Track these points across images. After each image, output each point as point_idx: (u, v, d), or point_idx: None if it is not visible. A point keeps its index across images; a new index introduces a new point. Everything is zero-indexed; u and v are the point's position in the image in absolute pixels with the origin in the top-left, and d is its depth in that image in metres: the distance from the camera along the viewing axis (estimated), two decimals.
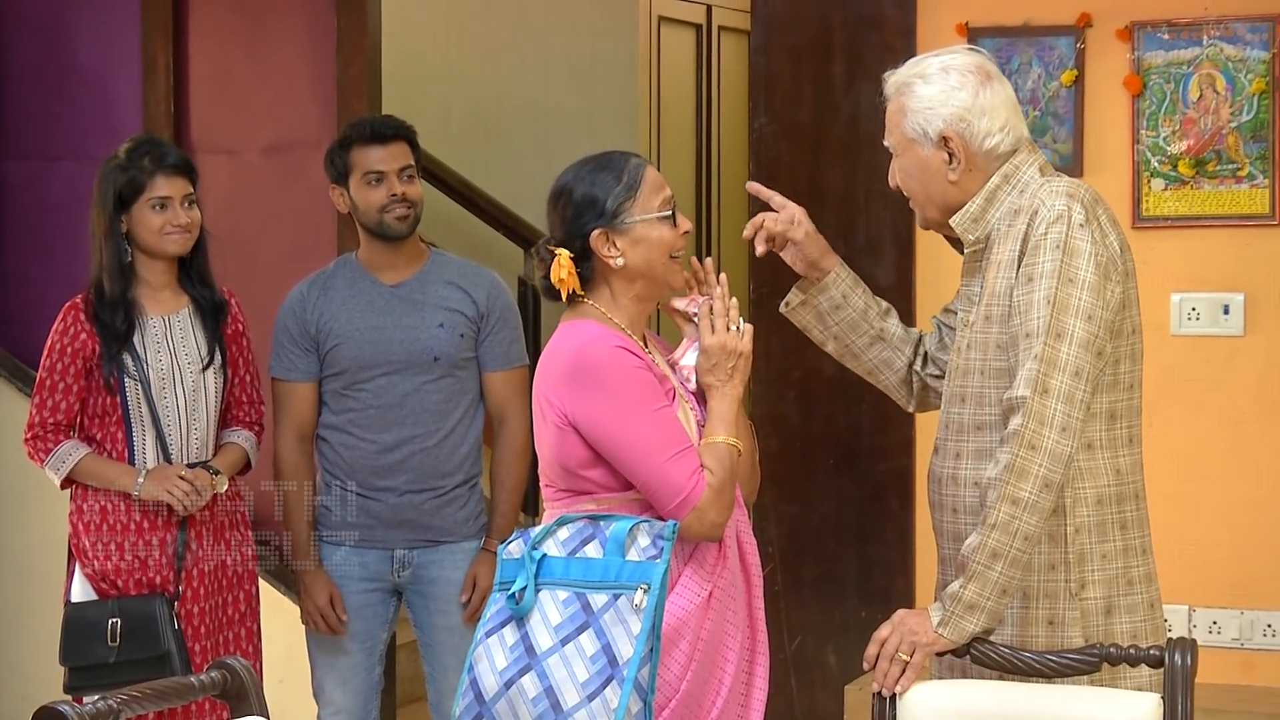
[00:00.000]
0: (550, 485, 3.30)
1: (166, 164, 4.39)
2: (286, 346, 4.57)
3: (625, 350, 3.24)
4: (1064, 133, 4.96)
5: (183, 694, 2.85)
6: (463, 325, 4.52)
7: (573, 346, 3.25)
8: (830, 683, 5.21)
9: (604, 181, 3.30)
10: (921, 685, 3.20)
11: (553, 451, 3.25)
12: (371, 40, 5.69)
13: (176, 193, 4.38)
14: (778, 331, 5.21)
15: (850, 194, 5.22)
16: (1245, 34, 4.83)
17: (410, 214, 4.50)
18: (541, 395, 3.27)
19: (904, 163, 3.36)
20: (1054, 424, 3.11)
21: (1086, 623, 3.23)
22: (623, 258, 3.29)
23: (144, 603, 4.32)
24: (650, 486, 3.19)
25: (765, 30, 5.32)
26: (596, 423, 3.19)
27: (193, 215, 4.41)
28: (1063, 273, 3.15)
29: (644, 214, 3.29)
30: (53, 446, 4.37)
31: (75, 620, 4.34)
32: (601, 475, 3.23)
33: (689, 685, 3.18)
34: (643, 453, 3.18)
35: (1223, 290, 4.88)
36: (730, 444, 3.25)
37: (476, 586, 4.50)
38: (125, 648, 4.28)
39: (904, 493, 5.15)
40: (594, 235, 3.28)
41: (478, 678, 3.13)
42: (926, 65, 3.33)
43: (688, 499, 3.17)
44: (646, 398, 3.22)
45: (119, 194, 4.36)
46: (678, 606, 3.18)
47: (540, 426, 3.29)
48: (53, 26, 5.98)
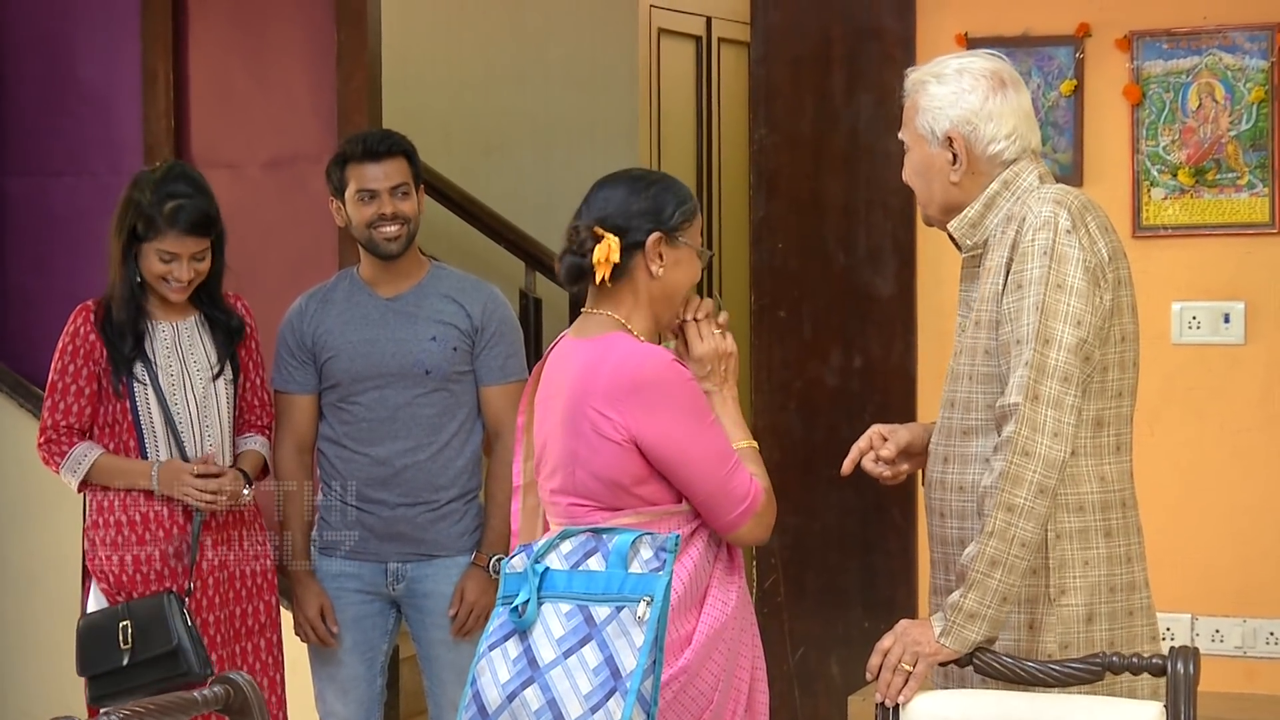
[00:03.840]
0: (581, 503, 3.24)
1: (181, 224, 4.30)
2: (285, 359, 4.58)
3: (679, 364, 3.26)
4: (1064, 142, 4.96)
5: (185, 709, 2.85)
6: (456, 339, 4.51)
7: (624, 360, 3.22)
8: (834, 693, 5.21)
9: (671, 196, 3.32)
10: (924, 695, 3.20)
11: (606, 468, 3.20)
12: (371, 53, 5.69)
13: (185, 251, 4.32)
14: (779, 343, 5.23)
15: (851, 204, 5.22)
16: (1244, 43, 4.83)
17: (402, 232, 4.48)
18: (590, 411, 3.21)
19: (911, 158, 3.40)
20: (1046, 430, 3.12)
21: (1065, 629, 3.24)
22: (664, 269, 3.30)
23: (152, 601, 4.30)
24: (715, 498, 3.21)
25: (765, 41, 5.32)
26: (663, 438, 3.18)
27: (198, 268, 4.35)
28: (1051, 279, 3.16)
29: (693, 242, 3.33)
30: (67, 449, 4.35)
31: (87, 630, 4.33)
32: (654, 490, 3.22)
33: (719, 697, 3.19)
34: (709, 466, 3.21)
35: (1223, 299, 4.88)
36: (753, 447, 3.33)
37: (464, 600, 4.49)
38: (137, 648, 4.27)
39: (906, 503, 5.15)
40: (655, 236, 3.29)
41: (480, 690, 3.13)
42: (944, 65, 3.37)
43: (750, 506, 3.24)
44: (704, 410, 3.24)
45: (134, 228, 4.34)
46: (720, 610, 3.20)
47: (584, 443, 3.22)
48: (53, 41, 5.99)
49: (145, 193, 4.33)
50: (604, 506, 3.23)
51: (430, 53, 7.67)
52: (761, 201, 5.31)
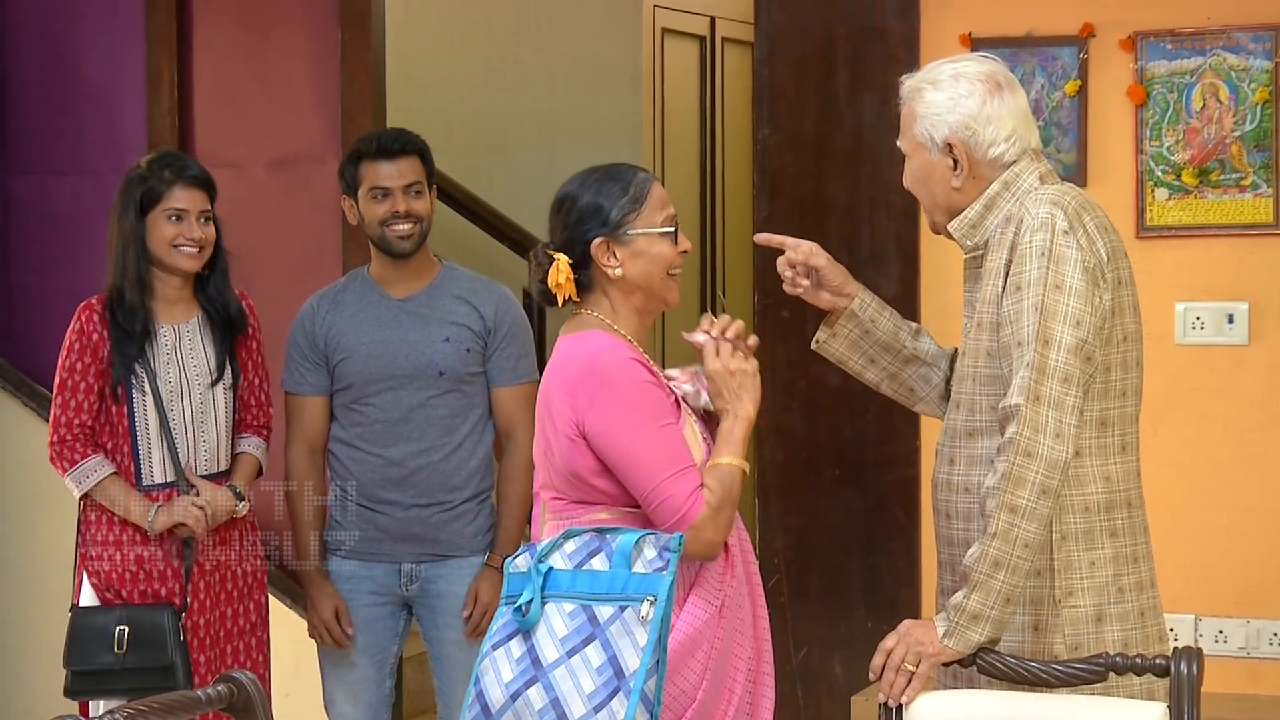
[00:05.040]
0: (560, 496, 3.29)
1: (186, 176, 4.40)
2: (297, 360, 4.57)
3: (638, 363, 3.25)
4: (1067, 143, 4.96)
5: (189, 708, 2.85)
6: (469, 339, 4.52)
7: (584, 356, 3.25)
8: (837, 693, 5.21)
9: (610, 191, 3.31)
10: (927, 695, 3.20)
11: (563, 460, 3.24)
12: (375, 53, 5.69)
13: (194, 206, 4.38)
14: (782, 343, 5.22)
15: (854, 205, 5.22)
16: (1248, 43, 4.83)
17: (414, 230, 4.50)
18: (550, 403, 3.26)
19: (912, 166, 3.40)
20: (1048, 430, 3.12)
21: (1074, 630, 3.24)
22: (621, 268, 3.29)
23: (152, 612, 4.31)
24: (650, 502, 3.19)
25: (769, 41, 5.32)
26: (604, 433, 3.19)
27: (207, 231, 4.40)
28: (1050, 280, 3.16)
29: (646, 228, 3.30)
30: (79, 459, 4.34)
31: (82, 625, 4.34)
32: (611, 485, 3.23)
33: (703, 695, 3.19)
34: (646, 468, 3.18)
35: (1227, 299, 4.88)
36: (734, 465, 3.25)
37: (478, 601, 4.50)
38: (131, 656, 4.28)
39: (909, 503, 5.15)
40: (595, 243, 3.29)
41: (484, 690, 3.13)
42: (939, 71, 3.36)
43: (685, 517, 3.17)
44: (655, 413, 3.22)
45: (139, 202, 4.36)
46: (694, 616, 3.19)
47: (547, 435, 3.28)
48: (57, 41, 5.99)
49: (141, 168, 4.42)
50: (575, 500, 3.25)
51: (434, 52, 7.67)
52: (765, 201, 5.31)
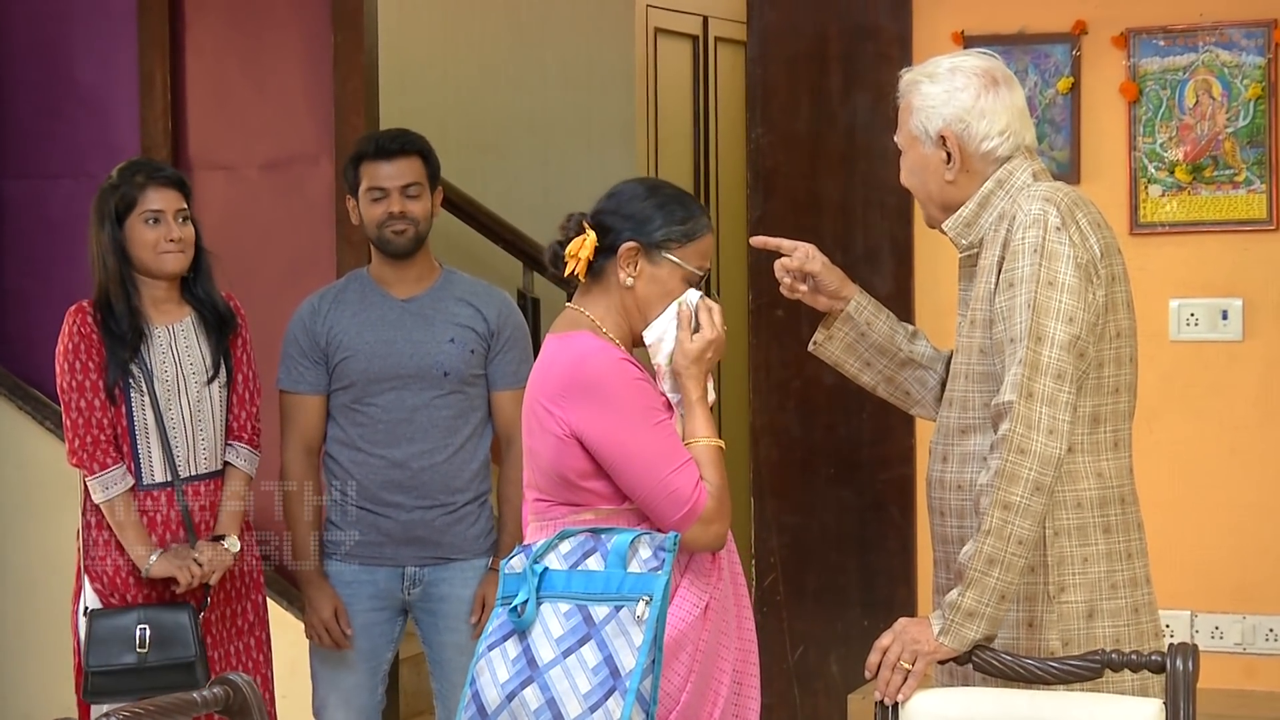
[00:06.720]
0: (544, 498, 3.27)
1: (158, 177, 4.41)
2: (295, 358, 4.56)
3: (627, 363, 3.24)
4: (1061, 140, 4.96)
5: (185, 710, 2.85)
6: (473, 341, 4.52)
7: (573, 357, 3.24)
8: (833, 692, 5.21)
9: (672, 211, 3.30)
10: (923, 693, 3.20)
11: (551, 462, 3.24)
12: (368, 55, 5.69)
13: (169, 206, 4.38)
14: (777, 342, 5.23)
15: (848, 204, 5.22)
16: (1241, 39, 4.83)
17: (410, 231, 4.49)
18: (539, 405, 3.25)
19: (907, 159, 3.41)
20: (1040, 427, 3.12)
21: (1065, 626, 3.24)
22: (635, 280, 3.29)
23: (172, 611, 4.32)
24: (654, 499, 3.18)
25: (762, 41, 5.32)
26: (600, 435, 3.18)
27: (186, 231, 4.41)
28: (1042, 276, 3.16)
29: (681, 260, 3.29)
30: (110, 463, 4.32)
31: (102, 626, 4.31)
32: (602, 486, 3.22)
33: (688, 696, 3.18)
34: (647, 466, 3.17)
35: (1221, 296, 4.88)
36: (716, 445, 3.24)
37: (486, 607, 4.48)
38: (154, 654, 4.28)
39: (905, 501, 5.15)
40: (629, 244, 3.28)
41: (480, 690, 3.13)
42: (937, 65, 3.38)
43: (692, 510, 3.17)
44: (649, 410, 3.21)
45: (115, 210, 4.36)
46: (678, 618, 3.18)
47: (536, 437, 3.27)
48: (50, 45, 5.99)
49: (113, 178, 4.43)
50: (561, 502, 3.24)
51: (427, 53, 7.67)
52: (759, 201, 5.31)
